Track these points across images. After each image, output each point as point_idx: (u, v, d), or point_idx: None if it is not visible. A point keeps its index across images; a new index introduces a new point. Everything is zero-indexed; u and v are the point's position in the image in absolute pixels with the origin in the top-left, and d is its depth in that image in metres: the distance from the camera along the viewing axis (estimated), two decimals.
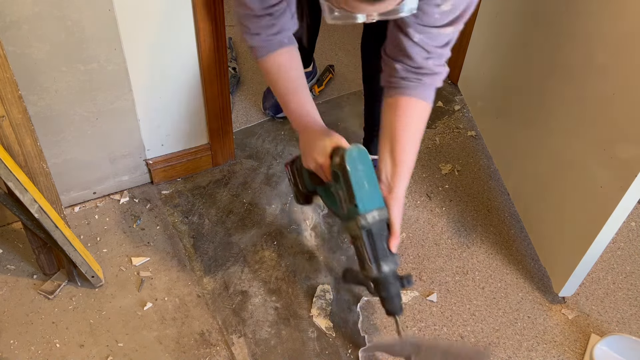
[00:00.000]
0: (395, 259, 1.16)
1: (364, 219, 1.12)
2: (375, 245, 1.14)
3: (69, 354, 1.31)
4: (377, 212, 1.12)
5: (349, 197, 1.12)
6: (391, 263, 1.15)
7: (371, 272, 1.16)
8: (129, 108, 1.48)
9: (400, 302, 1.19)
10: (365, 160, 1.11)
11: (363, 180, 1.11)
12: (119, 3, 1.29)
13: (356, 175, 1.10)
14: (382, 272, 1.15)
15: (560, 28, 1.39)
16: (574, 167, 1.36)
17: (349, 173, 1.10)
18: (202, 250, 1.53)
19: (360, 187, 1.11)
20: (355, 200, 1.11)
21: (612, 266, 1.56)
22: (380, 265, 1.15)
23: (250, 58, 2.14)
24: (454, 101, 2.03)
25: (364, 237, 1.14)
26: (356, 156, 1.10)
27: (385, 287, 1.17)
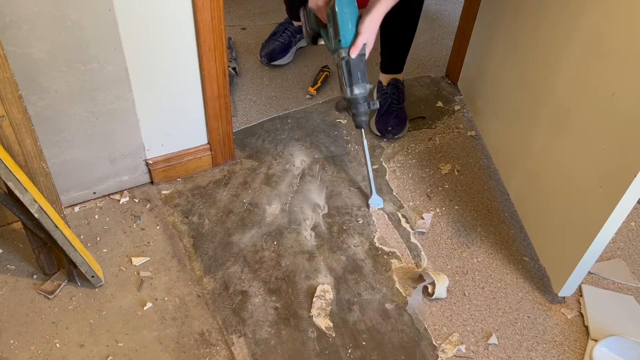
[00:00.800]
0: (365, 86, 1.46)
1: (345, 51, 1.43)
2: (351, 73, 1.44)
3: (69, 354, 1.31)
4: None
5: (335, 33, 1.43)
6: (361, 88, 1.46)
7: (346, 93, 1.48)
8: (129, 108, 1.48)
9: (366, 119, 1.52)
10: (351, 5, 1.41)
11: (347, 20, 1.41)
12: (119, 3, 1.29)
13: (342, 15, 1.40)
14: (353, 94, 1.47)
15: (560, 28, 1.39)
16: (574, 167, 1.36)
17: (337, 13, 1.40)
18: (202, 250, 1.53)
19: (344, 25, 1.41)
20: (339, 35, 1.42)
21: None
22: (352, 89, 1.46)
23: (250, 58, 2.15)
24: (454, 101, 2.03)
25: (343, 65, 1.45)
26: (344, 0, 1.39)
27: (355, 106, 1.49)
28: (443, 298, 1.46)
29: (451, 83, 2.10)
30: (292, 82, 2.07)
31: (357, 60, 1.43)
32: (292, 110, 1.96)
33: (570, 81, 1.36)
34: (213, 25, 1.43)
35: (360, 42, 1.42)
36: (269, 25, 2.29)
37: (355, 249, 1.56)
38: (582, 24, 1.30)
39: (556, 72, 1.42)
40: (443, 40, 2.32)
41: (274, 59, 2.10)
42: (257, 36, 2.25)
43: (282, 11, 2.26)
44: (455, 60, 2.06)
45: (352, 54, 1.42)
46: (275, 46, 2.10)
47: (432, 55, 2.24)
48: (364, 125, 1.53)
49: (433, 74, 2.15)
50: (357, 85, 1.46)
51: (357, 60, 1.43)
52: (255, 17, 2.38)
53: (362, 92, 1.47)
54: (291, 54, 2.14)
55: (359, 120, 1.52)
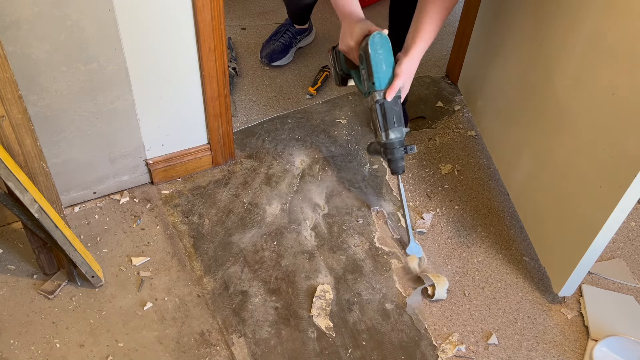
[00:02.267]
0: (402, 130, 1.42)
1: (379, 94, 1.38)
2: (386, 117, 1.39)
3: (69, 354, 1.31)
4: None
5: (369, 75, 1.37)
6: (397, 132, 1.41)
7: (381, 138, 1.43)
8: (129, 108, 1.48)
9: (403, 165, 1.46)
10: (385, 45, 1.35)
11: (381, 62, 1.36)
12: (119, 3, 1.29)
13: (376, 57, 1.35)
14: (389, 139, 1.42)
15: (560, 28, 1.39)
16: (574, 167, 1.36)
17: (370, 55, 1.35)
18: (202, 250, 1.53)
19: (378, 67, 1.36)
20: (373, 78, 1.36)
21: None
22: (388, 134, 1.41)
23: (250, 58, 2.15)
24: (454, 101, 2.03)
25: (377, 109, 1.39)
26: (378, 41, 1.34)
27: (391, 151, 1.44)
28: (443, 299, 1.46)
29: (451, 83, 2.10)
30: (292, 82, 2.07)
31: (392, 104, 1.38)
32: (292, 110, 1.96)
33: (570, 81, 1.36)
34: (213, 25, 1.43)
35: (397, 85, 1.36)
36: (269, 26, 2.29)
37: (355, 249, 1.56)
38: (582, 24, 1.30)
39: (556, 72, 1.42)
40: (443, 40, 2.32)
41: (275, 59, 2.10)
42: (257, 36, 2.25)
43: (282, 11, 2.26)
44: (455, 60, 2.06)
45: (387, 97, 1.36)
46: (276, 47, 2.10)
47: (432, 55, 2.24)
48: (401, 171, 1.46)
49: (433, 74, 2.15)
50: (393, 130, 1.40)
51: (392, 103, 1.38)
52: (255, 17, 2.37)
53: (399, 136, 1.42)
54: (291, 54, 2.14)
55: (396, 166, 1.45)
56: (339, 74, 1.57)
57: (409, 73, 1.39)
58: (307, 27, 2.17)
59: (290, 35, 2.12)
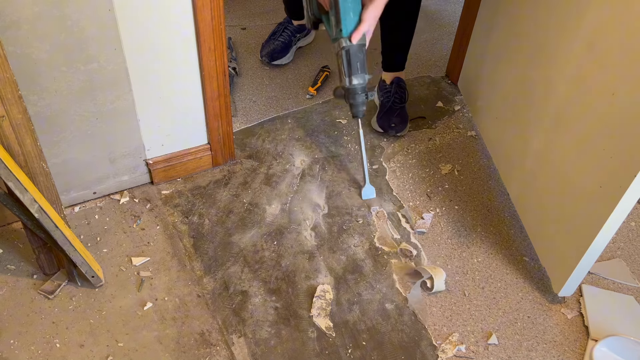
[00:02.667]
0: (364, 76, 1.46)
1: (345, 40, 1.41)
2: (350, 63, 1.44)
3: (69, 354, 1.31)
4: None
5: (337, 21, 1.41)
6: (360, 78, 1.46)
7: (344, 83, 1.48)
8: (129, 108, 1.48)
9: (363, 109, 1.52)
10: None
11: (349, 10, 1.40)
12: (119, 3, 1.29)
13: (344, 5, 1.39)
14: (352, 84, 1.47)
15: (560, 28, 1.39)
16: (574, 167, 1.36)
17: (339, 2, 1.38)
18: (202, 250, 1.53)
19: (346, 14, 1.40)
20: (340, 24, 1.40)
21: None
22: (351, 79, 1.46)
23: (250, 58, 2.15)
24: (454, 101, 2.03)
25: (343, 55, 1.44)
26: None
27: (353, 96, 1.49)
28: (443, 291, 1.46)
29: (451, 83, 2.10)
30: (292, 82, 2.07)
31: (356, 50, 1.43)
32: (292, 110, 1.96)
33: (570, 81, 1.36)
34: (213, 25, 1.43)
35: (362, 30, 1.41)
36: (269, 25, 2.29)
37: (355, 249, 1.56)
38: (582, 24, 1.30)
39: (556, 72, 1.42)
40: (443, 40, 2.32)
41: (275, 58, 2.10)
42: (257, 36, 2.25)
43: (281, 11, 2.26)
44: (455, 60, 2.06)
45: (353, 40, 1.41)
46: (276, 46, 2.10)
47: (432, 55, 2.24)
48: (360, 115, 1.53)
49: (433, 74, 2.15)
50: (356, 76, 1.46)
51: (357, 49, 1.43)
52: (255, 17, 2.38)
53: (361, 82, 1.47)
54: (291, 53, 2.14)
55: (356, 110, 1.52)
56: (310, 17, 1.60)
57: (374, 20, 1.42)
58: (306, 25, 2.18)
59: (289, 33, 2.12)
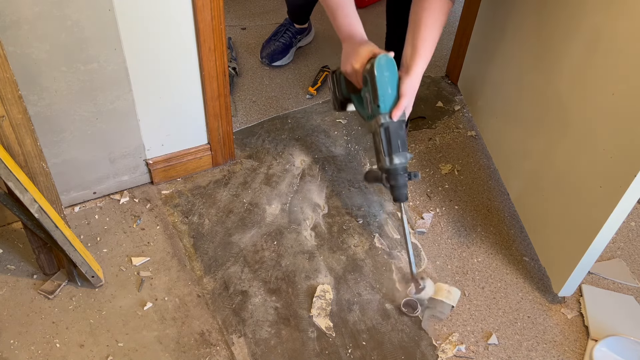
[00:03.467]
0: (406, 155, 1.34)
1: (384, 117, 1.32)
2: (390, 142, 1.33)
3: (69, 354, 1.31)
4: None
5: (374, 98, 1.31)
6: (402, 157, 1.34)
7: (384, 163, 1.35)
8: (129, 108, 1.48)
9: (406, 192, 1.37)
10: (391, 68, 1.30)
11: (387, 84, 1.30)
12: (119, 3, 1.29)
13: (382, 79, 1.30)
14: (393, 164, 1.34)
15: (560, 28, 1.39)
16: (574, 167, 1.36)
17: (375, 77, 1.29)
18: (202, 250, 1.53)
19: (384, 90, 1.30)
20: (378, 100, 1.30)
21: None
22: (392, 159, 1.33)
23: (250, 58, 2.15)
24: (454, 101, 2.03)
25: (381, 133, 1.33)
26: (384, 63, 1.29)
27: (395, 177, 1.35)
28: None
29: (451, 83, 2.10)
30: (292, 82, 2.07)
31: (397, 127, 1.32)
32: (292, 110, 1.96)
33: (570, 81, 1.36)
34: (213, 25, 1.43)
35: (403, 105, 1.31)
36: (269, 25, 2.29)
37: (355, 249, 1.56)
38: (582, 24, 1.30)
39: (556, 72, 1.42)
40: (443, 40, 2.32)
41: (275, 59, 2.10)
42: (257, 36, 2.25)
43: (282, 11, 2.26)
44: (455, 60, 2.06)
45: (394, 117, 1.31)
46: (276, 47, 2.10)
47: (432, 55, 2.24)
48: (404, 198, 1.37)
49: (433, 74, 2.15)
50: (397, 155, 1.33)
51: (397, 127, 1.32)
52: (255, 17, 2.38)
53: (403, 161, 1.34)
54: (291, 54, 2.14)
55: (399, 193, 1.37)
56: (338, 98, 1.50)
57: (413, 92, 1.33)
58: (307, 27, 2.18)
59: (290, 35, 2.12)
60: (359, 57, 1.33)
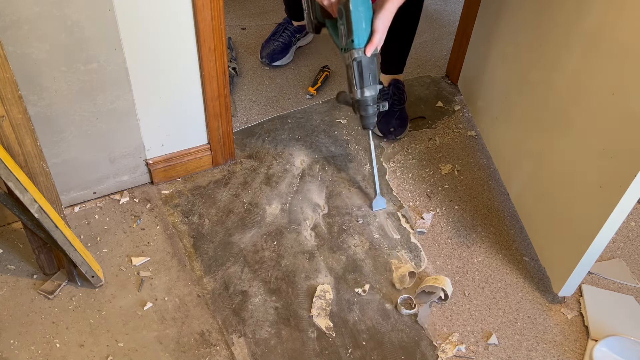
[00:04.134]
0: (376, 88, 1.43)
1: (357, 52, 1.37)
2: (362, 75, 1.40)
3: (69, 354, 1.31)
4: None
5: (348, 32, 1.36)
6: (372, 90, 1.43)
7: (355, 95, 1.45)
8: (129, 108, 1.48)
9: (374, 121, 1.50)
10: (366, 3, 1.33)
11: (362, 19, 1.34)
12: (119, 3, 1.29)
13: (357, 14, 1.33)
14: (364, 95, 1.44)
15: (560, 28, 1.39)
16: (574, 167, 1.36)
17: (351, 12, 1.33)
18: (202, 250, 1.53)
19: (358, 25, 1.34)
20: (352, 35, 1.35)
21: None
22: (363, 91, 1.43)
23: (250, 58, 2.15)
24: (454, 101, 2.03)
25: (354, 66, 1.40)
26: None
27: (365, 108, 1.47)
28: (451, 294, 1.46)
29: (451, 83, 2.10)
30: (292, 82, 2.07)
31: (369, 61, 1.39)
32: (292, 110, 1.96)
33: (570, 81, 1.36)
34: (213, 25, 1.43)
35: (376, 41, 1.36)
36: (269, 25, 2.29)
37: (355, 249, 1.56)
38: (582, 24, 1.30)
39: (556, 72, 1.42)
40: (443, 40, 2.32)
41: (275, 59, 2.10)
42: (257, 36, 2.25)
43: (281, 11, 2.26)
44: (455, 60, 2.06)
45: (367, 53, 1.37)
46: (276, 47, 2.10)
47: (432, 55, 2.24)
48: (371, 127, 1.51)
49: (433, 74, 2.15)
50: (368, 87, 1.43)
51: (369, 60, 1.39)
52: (255, 17, 2.38)
53: (373, 94, 1.44)
54: (291, 53, 2.14)
55: (368, 122, 1.50)
56: (313, 22, 1.54)
57: (385, 27, 1.37)
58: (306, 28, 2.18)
59: (289, 33, 2.12)
60: None
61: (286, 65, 2.13)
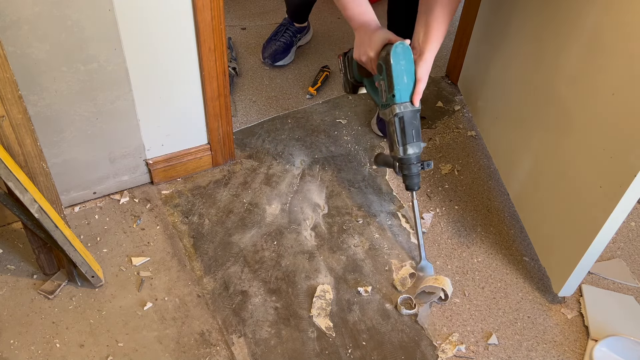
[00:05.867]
0: (420, 145, 1.37)
1: (399, 107, 1.33)
2: (405, 131, 1.35)
3: (69, 354, 1.31)
4: (410, 104, 1.34)
5: (389, 87, 1.32)
6: (415, 147, 1.36)
7: (398, 153, 1.38)
8: (129, 108, 1.48)
9: (418, 180, 1.41)
10: (407, 56, 1.30)
11: (403, 73, 1.30)
12: (119, 3, 1.29)
13: (398, 68, 1.29)
14: (407, 154, 1.37)
15: (560, 28, 1.39)
16: (574, 167, 1.36)
17: (391, 66, 1.29)
18: (202, 250, 1.53)
19: (399, 79, 1.30)
20: (393, 90, 1.31)
21: None
22: (406, 149, 1.36)
23: (250, 58, 2.15)
24: (454, 101, 2.03)
25: (396, 123, 1.35)
26: (400, 52, 1.28)
27: (408, 167, 1.39)
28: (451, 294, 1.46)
29: (451, 83, 2.10)
30: (292, 82, 2.07)
31: (411, 117, 1.34)
32: (292, 110, 1.96)
33: (570, 81, 1.36)
34: (213, 25, 1.43)
35: (421, 91, 1.33)
36: (269, 25, 2.29)
37: (355, 249, 1.56)
38: (582, 24, 1.30)
39: (556, 72, 1.42)
40: (443, 40, 2.32)
41: (277, 59, 2.10)
42: (257, 36, 2.25)
43: (281, 11, 2.26)
44: (455, 60, 2.06)
45: (415, 103, 1.33)
46: (278, 47, 2.10)
47: None
48: (417, 187, 1.42)
49: (433, 74, 2.15)
50: (412, 145, 1.36)
51: (411, 116, 1.34)
52: (255, 17, 2.38)
53: (417, 151, 1.37)
54: (292, 53, 2.14)
55: (412, 182, 1.41)
56: (350, 81, 1.51)
57: (427, 77, 1.35)
58: (306, 26, 2.18)
59: (291, 34, 2.12)
60: (373, 45, 1.33)
61: (286, 65, 2.13)
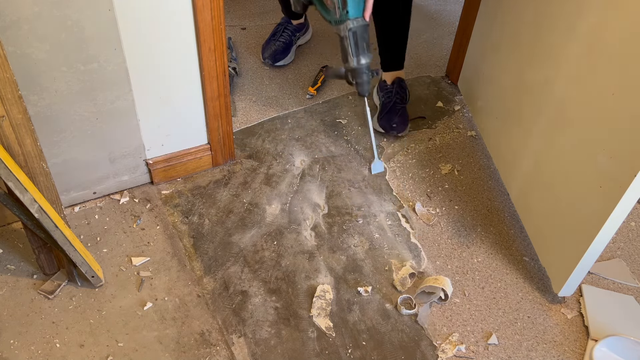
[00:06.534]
0: (370, 55, 1.53)
1: (352, 22, 1.48)
2: (358, 44, 1.50)
3: (69, 354, 1.31)
4: (362, 19, 1.50)
5: (343, 4, 1.46)
6: (367, 57, 1.53)
7: (351, 63, 1.54)
8: (129, 108, 1.48)
9: (369, 87, 1.60)
10: None
11: None
12: (119, 3, 1.29)
13: None
14: (360, 63, 1.53)
15: (560, 28, 1.39)
16: (574, 167, 1.36)
17: None
18: (202, 250, 1.53)
19: None
20: (347, 7, 1.46)
21: None
22: (359, 59, 1.53)
23: (250, 58, 2.15)
24: (454, 101, 2.03)
25: (350, 37, 1.49)
26: None
27: (360, 75, 1.56)
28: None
29: (451, 83, 2.10)
30: (292, 82, 2.07)
31: (362, 31, 1.48)
32: (292, 110, 1.96)
33: (570, 81, 1.36)
34: (213, 25, 1.43)
35: (370, 7, 1.45)
36: (269, 25, 2.29)
37: (355, 249, 1.56)
38: (582, 24, 1.30)
39: (556, 72, 1.42)
40: (443, 40, 2.32)
41: (278, 59, 2.10)
42: (257, 36, 2.25)
43: (280, 11, 2.26)
44: (455, 60, 2.06)
45: (366, 18, 1.47)
46: (277, 47, 2.10)
47: (432, 55, 2.24)
48: (367, 93, 1.60)
49: (433, 74, 2.15)
50: (364, 55, 1.52)
51: (362, 30, 1.48)
52: (255, 17, 2.38)
53: (368, 61, 1.53)
54: (292, 52, 2.14)
55: (363, 88, 1.58)
56: (300, 0, 1.64)
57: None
58: (304, 24, 2.18)
59: (289, 33, 2.12)
60: None
61: (286, 65, 2.13)
